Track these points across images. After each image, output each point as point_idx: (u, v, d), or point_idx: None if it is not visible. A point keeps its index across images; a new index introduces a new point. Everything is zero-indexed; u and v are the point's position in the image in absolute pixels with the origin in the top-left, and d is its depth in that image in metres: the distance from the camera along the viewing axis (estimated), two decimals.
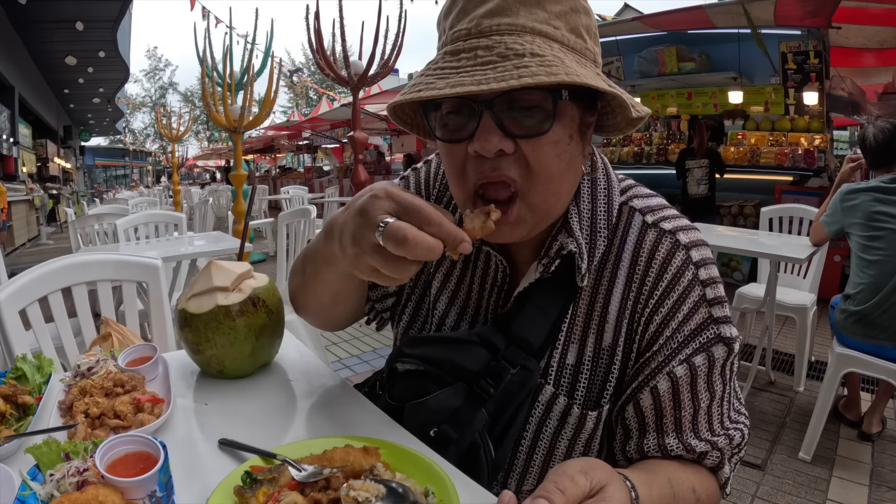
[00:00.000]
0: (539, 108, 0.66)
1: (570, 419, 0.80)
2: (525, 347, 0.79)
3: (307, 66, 33.71)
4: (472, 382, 0.79)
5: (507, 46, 0.63)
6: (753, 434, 2.70)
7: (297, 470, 0.64)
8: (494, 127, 0.65)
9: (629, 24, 6.82)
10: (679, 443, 0.77)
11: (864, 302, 2.39)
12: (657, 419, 0.77)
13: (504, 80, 0.60)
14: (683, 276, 0.76)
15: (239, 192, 6.25)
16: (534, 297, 0.80)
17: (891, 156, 2.48)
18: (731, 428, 0.79)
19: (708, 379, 0.76)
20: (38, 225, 12.67)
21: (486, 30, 0.66)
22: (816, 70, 6.11)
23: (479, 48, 0.64)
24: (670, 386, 0.76)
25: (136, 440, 0.64)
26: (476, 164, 0.69)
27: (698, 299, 0.76)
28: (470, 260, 0.89)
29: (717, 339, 0.76)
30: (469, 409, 0.78)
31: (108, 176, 41.43)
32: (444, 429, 0.77)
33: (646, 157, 7.35)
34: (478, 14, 0.67)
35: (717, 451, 0.78)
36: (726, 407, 0.79)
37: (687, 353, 0.75)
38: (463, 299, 0.89)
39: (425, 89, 0.64)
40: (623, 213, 0.82)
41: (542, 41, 0.65)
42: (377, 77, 5.47)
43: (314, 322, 1.03)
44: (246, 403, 0.92)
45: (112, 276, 1.59)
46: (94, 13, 10.31)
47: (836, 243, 3.98)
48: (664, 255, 0.77)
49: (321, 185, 12.85)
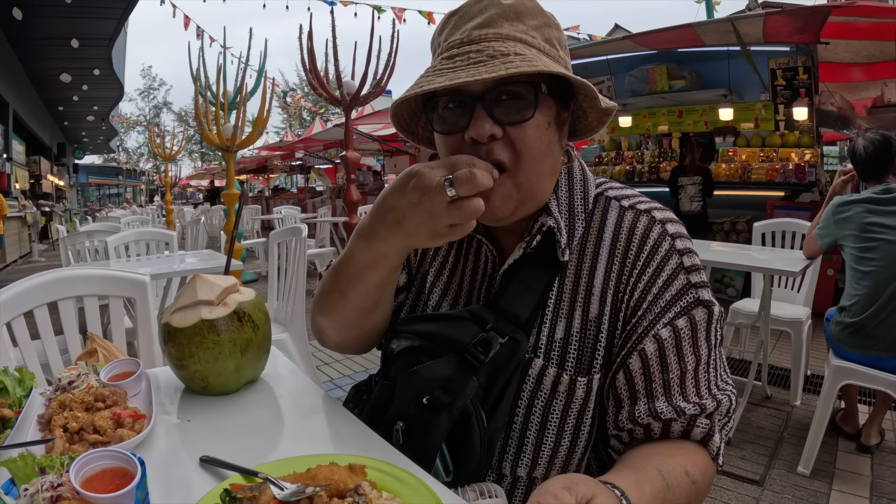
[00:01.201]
0: (522, 98, 0.77)
1: (560, 387, 0.84)
2: (513, 321, 0.84)
3: (300, 87, 33.93)
4: (463, 352, 0.83)
5: (495, 49, 0.76)
6: (751, 450, 2.68)
7: (279, 488, 0.62)
8: (486, 116, 0.76)
9: (620, 43, 6.90)
10: (669, 405, 0.79)
11: (859, 313, 2.39)
12: (646, 383, 0.81)
13: (494, 72, 0.71)
14: (661, 246, 0.84)
15: (231, 211, 6.24)
16: (519, 274, 0.86)
17: (881, 167, 2.50)
18: (719, 393, 0.82)
19: (693, 342, 0.81)
20: (30, 242, 12.61)
21: (477, 38, 0.79)
22: (806, 86, 6.19)
23: (471, 52, 0.77)
24: (657, 348, 0.80)
25: (114, 455, 0.61)
26: (471, 150, 0.78)
27: (676, 266, 0.83)
28: (462, 251, 0.97)
29: (696, 303, 0.81)
30: (460, 376, 0.81)
31: (101, 194, 41.35)
32: (436, 395, 0.80)
33: (638, 176, 7.38)
34: (468, 27, 0.80)
35: (705, 418, 0.79)
36: (713, 373, 0.82)
37: (670, 316, 0.81)
38: (455, 289, 0.96)
39: (426, 84, 0.75)
40: (599, 202, 0.90)
41: (522, 46, 0.78)
42: (369, 97, 5.51)
43: (346, 343, 0.99)
44: (230, 420, 0.90)
45: (98, 291, 1.56)
46: (89, 31, 10.35)
47: (829, 257, 3.99)
48: (643, 230, 0.85)
49: (314, 206, 12.84)
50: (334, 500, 0.60)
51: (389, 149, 13.64)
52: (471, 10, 0.82)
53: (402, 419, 0.83)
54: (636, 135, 8.00)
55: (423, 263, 1.01)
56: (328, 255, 7.01)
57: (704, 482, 0.77)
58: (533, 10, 0.82)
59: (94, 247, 3.98)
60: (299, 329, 3.01)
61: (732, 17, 5.69)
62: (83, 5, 8.74)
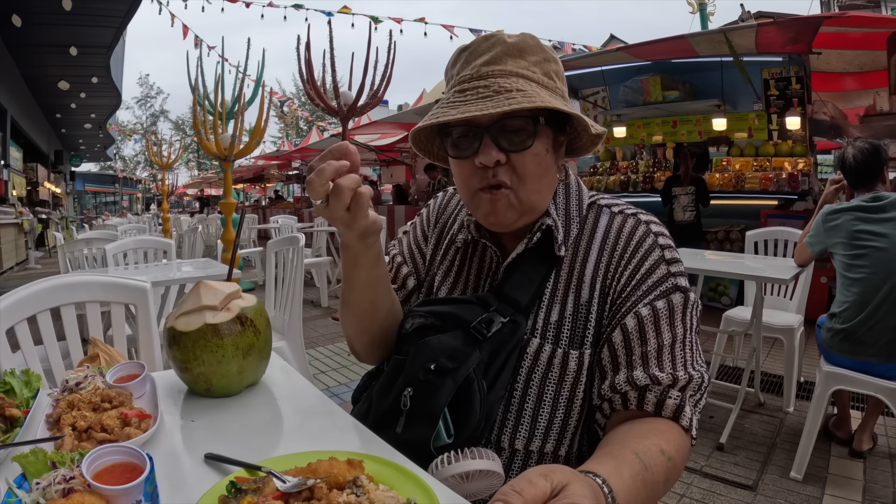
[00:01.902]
0: (523, 129, 0.90)
1: (554, 361, 0.94)
2: (513, 305, 0.96)
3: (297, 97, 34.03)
4: (468, 328, 0.94)
5: (500, 85, 0.89)
6: (744, 455, 2.71)
7: (282, 481, 0.65)
8: (492, 144, 0.90)
9: (614, 54, 6.96)
10: (645, 374, 0.88)
11: (849, 319, 2.43)
12: (627, 355, 0.90)
13: (498, 107, 0.84)
14: (645, 241, 0.96)
15: (228, 220, 6.26)
16: (521, 267, 0.99)
17: (871, 175, 2.54)
18: (693, 370, 0.90)
19: (670, 321, 0.90)
20: (27, 249, 12.57)
21: (485, 74, 0.91)
22: (798, 95, 6.26)
23: (479, 87, 0.90)
24: (636, 323, 0.90)
25: (123, 451, 0.64)
26: (480, 173, 0.93)
27: (658, 258, 0.94)
28: (468, 254, 1.10)
29: (674, 289, 0.92)
30: (465, 348, 0.92)
31: (97, 202, 41.26)
32: (442, 361, 0.91)
33: (632, 186, 7.42)
34: (477, 63, 0.93)
35: (678, 391, 0.87)
36: (688, 352, 0.91)
37: (650, 298, 0.91)
38: (462, 286, 1.08)
39: (442, 115, 0.89)
40: (592, 209, 1.04)
41: (524, 82, 0.90)
42: (366, 107, 5.56)
43: (366, 351, 1.10)
44: (232, 421, 0.92)
45: (100, 297, 1.59)
46: (88, 39, 10.39)
47: (821, 265, 4.03)
48: (630, 229, 0.98)
49: (310, 215, 12.86)
50: (334, 491, 0.63)
51: (386, 159, 13.71)
52: (480, 48, 0.94)
53: (411, 385, 0.92)
54: (630, 145, 8.06)
55: (431, 268, 1.15)
56: (325, 264, 7.03)
57: (680, 457, 0.82)
58: (534, 48, 0.94)
59: (92, 254, 4.00)
60: (296, 337, 3.03)
61: (725, 29, 5.77)
62: (82, 13, 8.78)
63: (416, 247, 1.20)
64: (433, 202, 1.24)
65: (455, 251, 1.11)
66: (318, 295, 6.90)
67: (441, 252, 1.14)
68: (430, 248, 1.17)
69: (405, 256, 1.19)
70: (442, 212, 1.20)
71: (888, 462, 2.65)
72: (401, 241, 1.23)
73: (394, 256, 1.21)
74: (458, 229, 1.12)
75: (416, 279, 1.17)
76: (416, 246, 1.20)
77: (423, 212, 1.24)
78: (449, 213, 1.19)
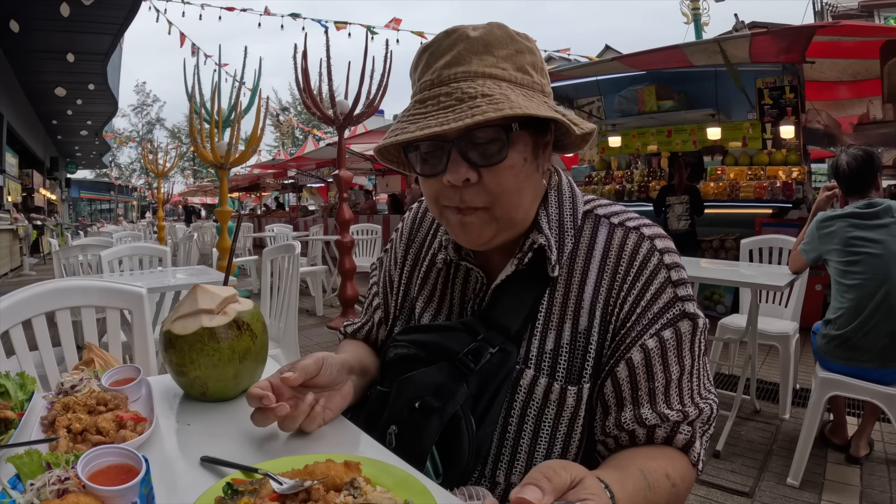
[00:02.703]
0: (495, 140, 0.79)
1: (551, 396, 0.87)
2: (503, 332, 0.88)
3: (294, 106, 34.11)
4: (455, 360, 0.87)
5: (463, 91, 0.78)
6: (741, 462, 2.71)
7: (278, 483, 0.65)
8: (461, 160, 0.80)
9: (609, 64, 7.01)
10: (654, 412, 0.82)
11: (844, 326, 2.44)
12: (632, 391, 0.84)
13: (460, 120, 0.74)
14: (650, 261, 0.86)
15: (224, 228, 6.25)
16: (510, 289, 0.90)
17: (864, 182, 2.56)
18: (701, 402, 0.85)
19: (677, 352, 0.84)
20: (21, 255, 12.53)
21: (446, 79, 0.80)
22: (792, 104, 6.31)
23: (441, 95, 0.79)
24: (643, 357, 0.83)
25: (119, 452, 0.64)
26: (449, 192, 0.83)
27: (664, 281, 0.86)
28: (449, 278, 1.00)
29: (682, 315, 0.84)
30: (451, 382, 0.85)
31: (92, 209, 41.16)
32: (427, 400, 0.84)
33: (627, 195, 7.45)
34: (438, 66, 0.81)
35: (687, 425, 0.83)
36: (696, 382, 0.86)
37: (656, 327, 0.84)
38: (445, 313, 0.99)
39: (401, 133, 0.79)
40: (589, 218, 0.93)
41: (492, 83, 0.79)
42: (363, 116, 5.56)
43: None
44: (228, 424, 0.92)
45: (96, 302, 1.59)
46: (85, 45, 10.40)
47: (816, 272, 4.04)
48: (632, 246, 0.88)
49: (306, 224, 12.88)
50: (331, 493, 0.63)
51: (381, 168, 13.72)
52: (441, 46, 0.82)
53: (396, 423, 0.87)
54: (625, 154, 8.11)
55: (406, 296, 1.06)
56: (320, 273, 7.02)
57: (684, 486, 0.80)
58: (502, 39, 0.82)
59: (87, 261, 3.99)
60: (292, 345, 3.03)
61: (719, 38, 5.81)
62: (80, 20, 8.78)
63: (388, 276, 1.11)
64: (407, 216, 1.14)
65: (437, 272, 1.01)
66: (314, 304, 6.88)
67: (420, 273, 1.04)
68: (407, 269, 1.07)
69: (380, 286, 1.13)
70: (418, 227, 1.11)
71: (885, 468, 2.65)
72: (381, 261, 1.16)
73: (372, 285, 1.16)
74: (437, 248, 1.01)
75: (384, 311, 1.10)
76: (389, 275, 1.11)
77: (399, 227, 1.15)
78: (426, 227, 1.09)
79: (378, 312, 1.12)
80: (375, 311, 1.13)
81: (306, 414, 0.84)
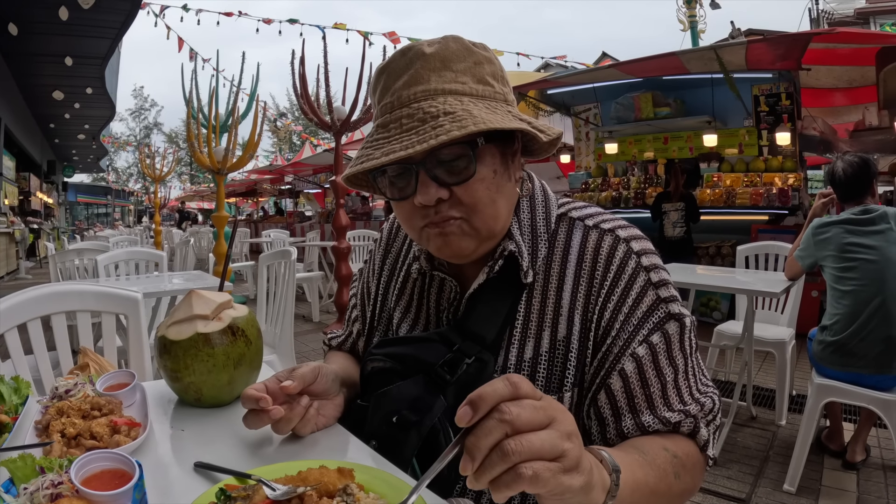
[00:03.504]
0: (462, 157, 0.78)
1: None
2: (479, 341, 0.86)
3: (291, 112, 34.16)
4: (431, 373, 0.86)
5: (425, 111, 0.76)
6: (737, 469, 2.70)
7: (271, 489, 0.65)
8: (430, 181, 0.78)
9: (606, 71, 7.05)
10: (654, 418, 0.81)
11: (840, 332, 2.44)
12: (629, 400, 0.82)
13: (425, 142, 0.73)
14: (627, 265, 0.85)
15: (221, 233, 6.25)
16: (484, 297, 0.88)
17: (860, 188, 2.57)
18: (701, 397, 0.84)
19: (668, 355, 0.82)
20: (18, 259, 12.49)
21: (406, 100, 0.79)
22: (788, 111, 6.35)
23: (402, 117, 0.78)
24: (635, 366, 0.82)
25: (112, 457, 0.64)
26: (423, 212, 0.81)
27: (644, 284, 0.84)
28: (424, 289, 1.00)
29: (668, 317, 0.83)
30: (428, 396, 0.84)
31: (89, 213, 41.06)
32: (404, 414, 0.83)
33: (624, 202, 7.47)
34: (397, 87, 0.80)
35: (690, 419, 0.82)
36: (692, 380, 0.84)
37: (644, 333, 0.82)
38: (423, 322, 0.99)
39: (366, 160, 0.77)
40: (562, 222, 0.92)
41: (453, 99, 0.78)
42: (360, 122, 5.57)
43: None
44: (223, 430, 0.92)
45: (92, 306, 1.58)
46: (83, 49, 10.40)
47: (812, 279, 4.06)
48: (608, 250, 0.86)
49: (302, 230, 12.87)
50: (324, 499, 0.63)
51: None
52: (397, 66, 0.81)
53: (375, 438, 0.86)
54: (622, 161, 8.13)
55: (384, 306, 1.06)
56: (316, 279, 7.01)
57: (689, 461, 0.79)
58: (459, 53, 0.81)
59: (84, 265, 3.98)
60: (287, 351, 3.02)
61: (715, 46, 5.84)
62: (79, 23, 8.80)
63: (367, 287, 1.12)
64: (385, 226, 1.14)
65: (413, 283, 1.01)
66: (310, 310, 6.88)
67: (397, 284, 1.04)
68: (384, 280, 1.07)
69: (358, 297, 1.13)
70: (394, 238, 1.10)
71: (881, 473, 2.65)
72: (362, 272, 1.15)
73: (351, 297, 1.16)
74: (412, 258, 1.00)
75: (361, 323, 1.11)
76: (367, 286, 1.12)
77: (378, 237, 1.15)
78: (402, 238, 1.09)
79: (356, 325, 1.12)
80: (354, 324, 1.13)
81: (301, 416, 0.84)
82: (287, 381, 0.83)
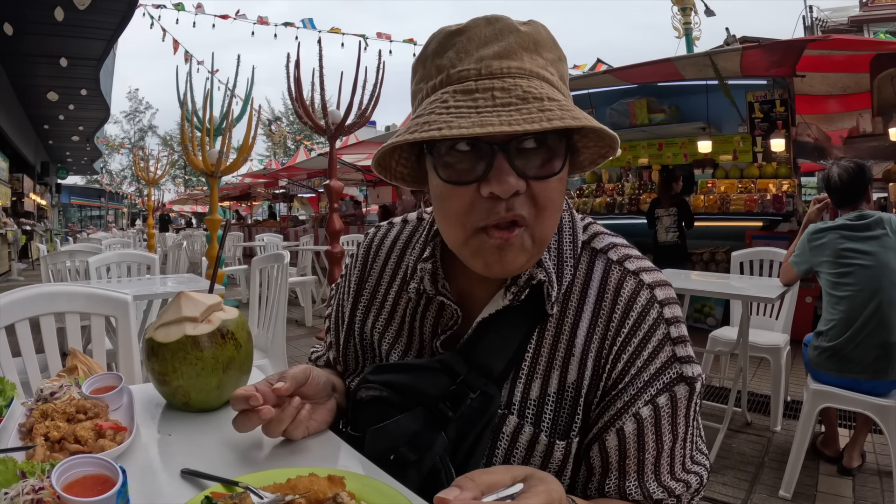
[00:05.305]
0: (550, 149, 0.69)
1: (537, 448, 0.79)
2: (486, 374, 0.79)
3: (286, 116, 34.15)
4: (431, 407, 0.79)
5: (524, 90, 0.66)
6: (732, 475, 2.69)
7: (259, 497, 0.63)
8: (510, 169, 0.67)
9: (601, 77, 7.06)
10: (638, 487, 0.77)
11: (836, 337, 2.44)
12: (620, 460, 0.78)
13: (536, 122, 0.63)
14: (649, 314, 0.78)
15: (213, 236, 6.22)
16: (497, 324, 0.80)
17: (855, 194, 2.57)
18: (692, 472, 0.80)
19: (672, 420, 0.77)
20: (10, 260, 12.41)
21: (498, 72, 0.68)
22: (783, 118, 6.36)
23: (494, 89, 0.66)
24: (635, 427, 0.76)
25: (95, 462, 0.62)
26: (488, 205, 0.69)
27: (663, 338, 0.78)
28: (417, 313, 0.90)
29: (679, 379, 0.77)
30: (428, 432, 0.78)
31: (83, 216, 40.92)
32: (402, 452, 0.77)
33: (618, 208, 7.45)
34: (485, 55, 0.69)
35: (673, 498, 0.78)
36: (689, 448, 0.80)
37: (651, 393, 0.76)
38: (416, 349, 0.90)
39: (446, 128, 0.63)
40: (586, 250, 0.84)
41: (548, 87, 0.69)
42: (354, 127, 5.57)
43: None
44: (211, 435, 0.90)
45: (81, 308, 1.56)
46: (78, 51, 10.38)
47: (807, 284, 4.06)
48: (629, 293, 0.79)
49: (296, 234, 12.85)
50: None
51: (372, 179, 13.72)
52: (481, 33, 0.70)
53: None
54: (617, 167, 8.14)
55: (362, 334, 0.96)
56: (309, 283, 6.98)
57: None
58: (549, 42, 0.73)
59: (75, 267, 3.95)
60: (280, 355, 2.99)
61: (710, 52, 5.87)
62: (74, 24, 8.78)
63: (341, 310, 1.02)
64: (363, 242, 1.03)
65: (405, 304, 0.91)
66: (303, 314, 6.85)
67: (383, 313, 0.94)
68: (363, 302, 0.97)
69: (332, 321, 1.04)
70: (374, 255, 0.99)
71: (877, 479, 2.65)
72: (338, 291, 1.05)
73: (326, 318, 1.07)
74: (404, 277, 0.92)
75: (335, 351, 1.02)
76: (341, 309, 1.02)
77: (356, 254, 1.03)
78: (384, 255, 0.98)
79: (331, 351, 1.04)
80: (329, 350, 1.05)
81: (292, 417, 0.80)
82: (279, 382, 0.80)
